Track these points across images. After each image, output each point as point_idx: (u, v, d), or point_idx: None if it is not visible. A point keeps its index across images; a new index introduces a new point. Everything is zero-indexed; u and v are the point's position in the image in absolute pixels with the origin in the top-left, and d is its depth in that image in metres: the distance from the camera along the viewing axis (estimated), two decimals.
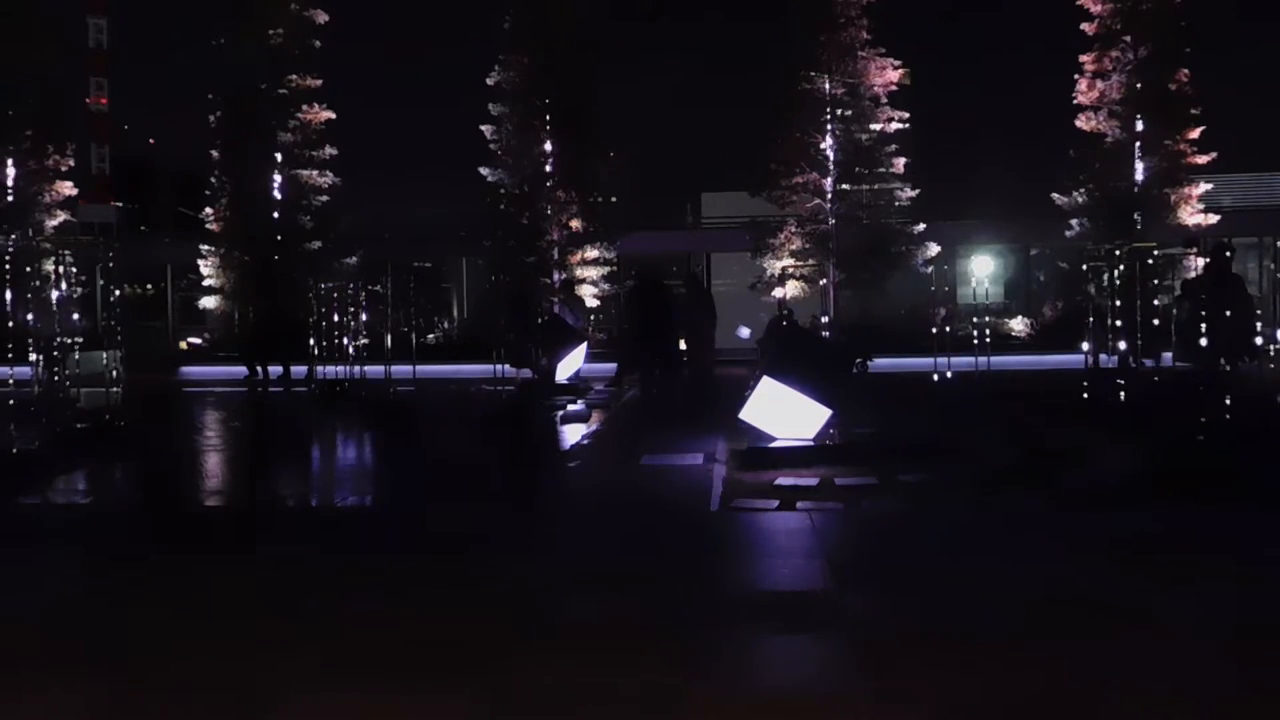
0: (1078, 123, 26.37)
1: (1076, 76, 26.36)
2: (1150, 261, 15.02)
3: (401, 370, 16.41)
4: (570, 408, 14.34)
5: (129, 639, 4.85)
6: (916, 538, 6.86)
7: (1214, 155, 26.01)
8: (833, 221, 26.57)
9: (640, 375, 16.90)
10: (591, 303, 26.95)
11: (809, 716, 3.90)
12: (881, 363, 18.15)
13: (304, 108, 27.18)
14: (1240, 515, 7.20)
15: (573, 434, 12.34)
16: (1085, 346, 15.35)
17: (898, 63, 26.40)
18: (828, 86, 26.49)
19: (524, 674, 4.29)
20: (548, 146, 27.43)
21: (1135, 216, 25.77)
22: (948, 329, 20.21)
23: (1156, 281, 22.26)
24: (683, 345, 19.09)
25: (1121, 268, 14.99)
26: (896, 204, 26.78)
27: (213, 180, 27.93)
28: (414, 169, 38.32)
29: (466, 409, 15.40)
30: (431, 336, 30.10)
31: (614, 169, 28.37)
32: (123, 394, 14.09)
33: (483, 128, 27.73)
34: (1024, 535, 6.80)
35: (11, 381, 14.74)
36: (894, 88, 26.52)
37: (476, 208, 28.44)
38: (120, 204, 43.02)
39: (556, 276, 26.15)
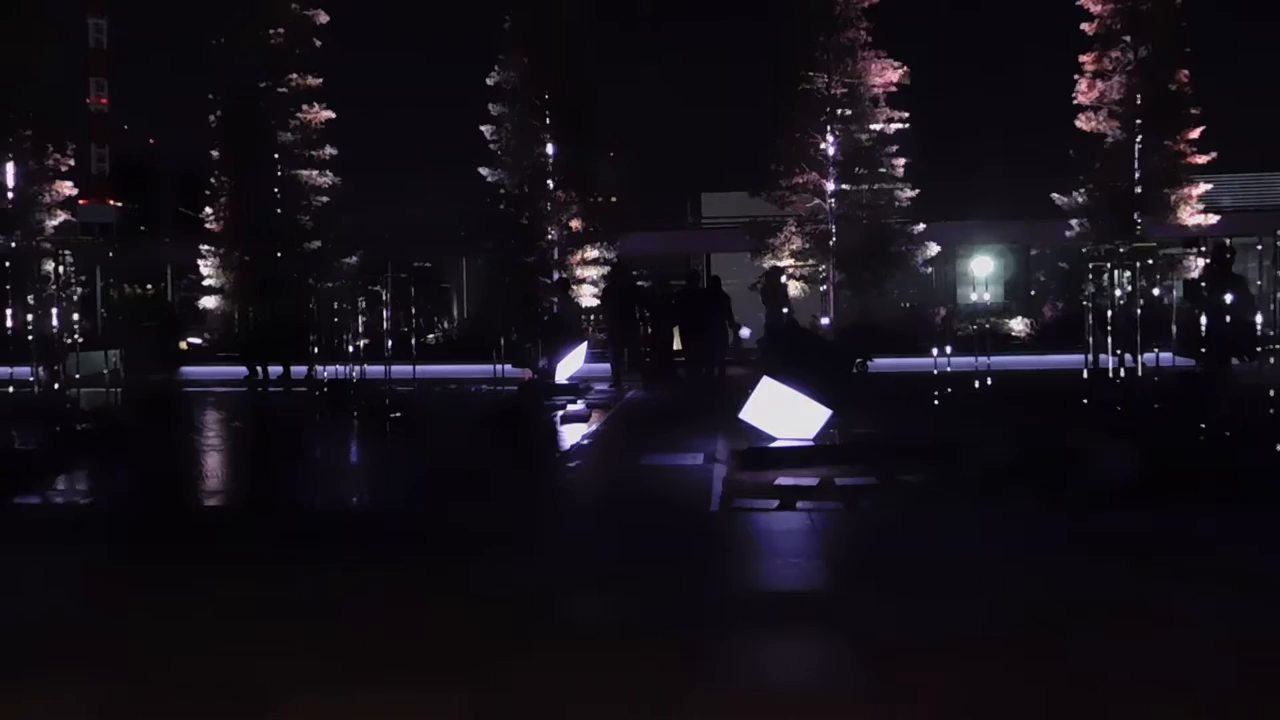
0: (1078, 123, 26.36)
1: (1076, 76, 26.35)
2: (1151, 261, 15.01)
3: (401, 370, 16.40)
4: (570, 408, 14.35)
5: (129, 639, 4.85)
6: (916, 538, 6.86)
7: (1214, 155, 26.00)
8: (833, 222, 26.55)
9: (641, 375, 16.96)
10: (591, 302, 26.95)
11: (809, 716, 3.90)
12: (881, 363, 18.14)
13: (304, 108, 27.16)
14: (1240, 515, 7.20)
15: (573, 434, 12.34)
16: (1087, 358, 15.32)
17: (898, 63, 26.37)
18: (828, 87, 26.47)
19: (524, 674, 4.29)
20: (548, 146, 27.40)
21: (1135, 216, 25.76)
22: (948, 321, 20.20)
23: (1158, 279, 22.27)
24: (676, 344, 19.23)
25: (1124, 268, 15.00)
26: (896, 204, 26.75)
27: (213, 180, 27.91)
28: (414, 169, 38.33)
29: (466, 409, 15.40)
30: (431, 336, 30.08)
31: (614, 169, 28.34)
32: (123, 394, 14.10)
33: (483, 128, 27.71)
34: (1024, 535, 6.80)
35: (12, 381, 14.76)
36: (894, 88, 26.50)
37: (476, 208, 28.41)
38: (120, 204, 43.08)
39: (556, 276, 26.13)
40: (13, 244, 25.95)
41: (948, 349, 16.50)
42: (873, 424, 11.12)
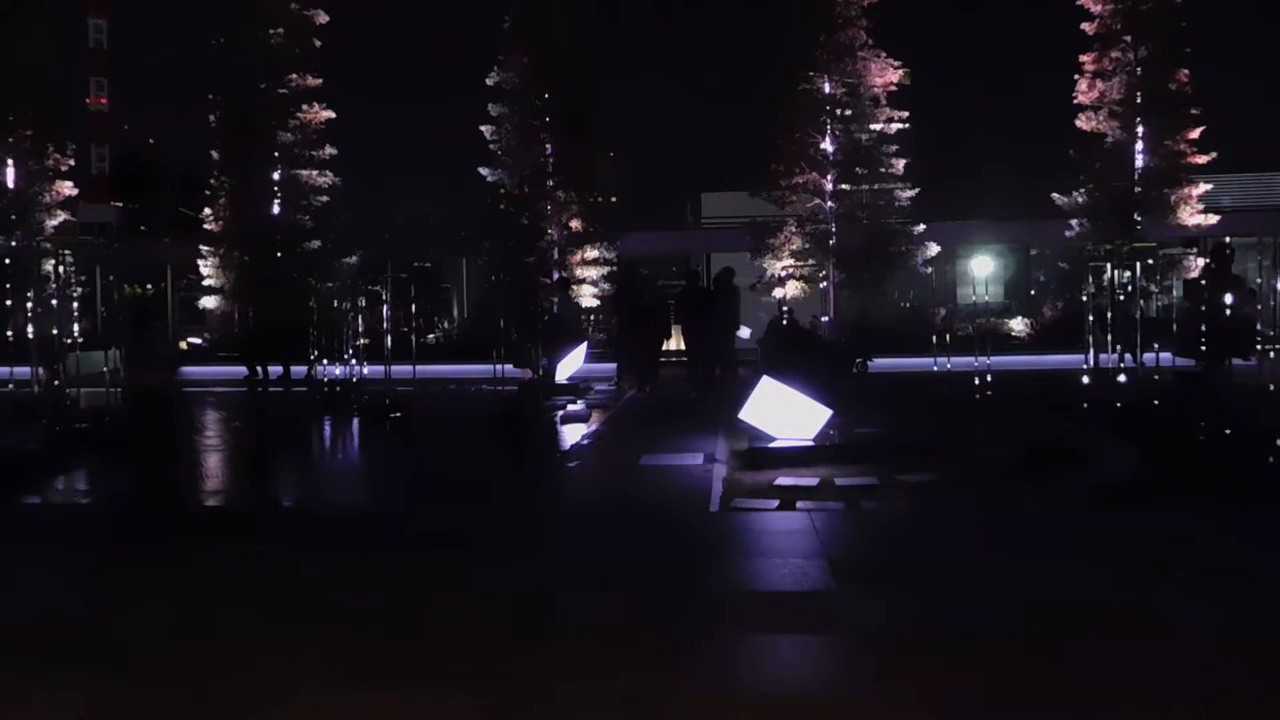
0: (1078, 123, 26.35)
1: (1076, 76, 26.34)
2: (1151, 261, 15.00)
3: (401, 370, 16.40)
4: (570, 408, 14.36)
5: (129, 638, 4.85)
6: (916, 538, 6.86)
7: (1214, 155, 25.98)
8: (833, 222, 26.54)
9: (637, 376, 16.96)
10: (591, 302, 26.97)
11: (809, 716, 3.90)
12: (881, 362, 18.16)
13: (304, 108, 27.13)
14: (1240, 515, 7.20)
15: (573, 434, 12.34)
16: (1088, 360, 15.32)
17: (897, 63, 26.35)
18: (828, 87, 26.44)
19: (524, 674, 4.29)
20: (548, 146, 27.37)
21: (1135, 216, 25.75)
22: (948, 321, 20.22)
23: (1158, 279, 22.30)
24: (670, 344, 19.25)
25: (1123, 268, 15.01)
26: (896, 204, 26.74)
27: (213, 180, 27.89)
28: (414, 169, 38.41)
29: (466, 409, 15.40)
30: (431, 336, 30.08)
31: (614, 169, 28.33)
32: (123, 394, 14.09)
33: (483, 128, 27.69)
34: (1024, 535, 6.80)
35: (11, 382, 14.75)
36: (894, 88, 26.48)
37: (476, 208, 28.40)
38: (120, 204, 43.10)
39: (556, 276, 26.13)
40: (13, 244, 25.93)
41: (947, 342, 16.51)
42: (873, 424, 11.12)
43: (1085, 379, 14.33)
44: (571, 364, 17.52)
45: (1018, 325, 28.86)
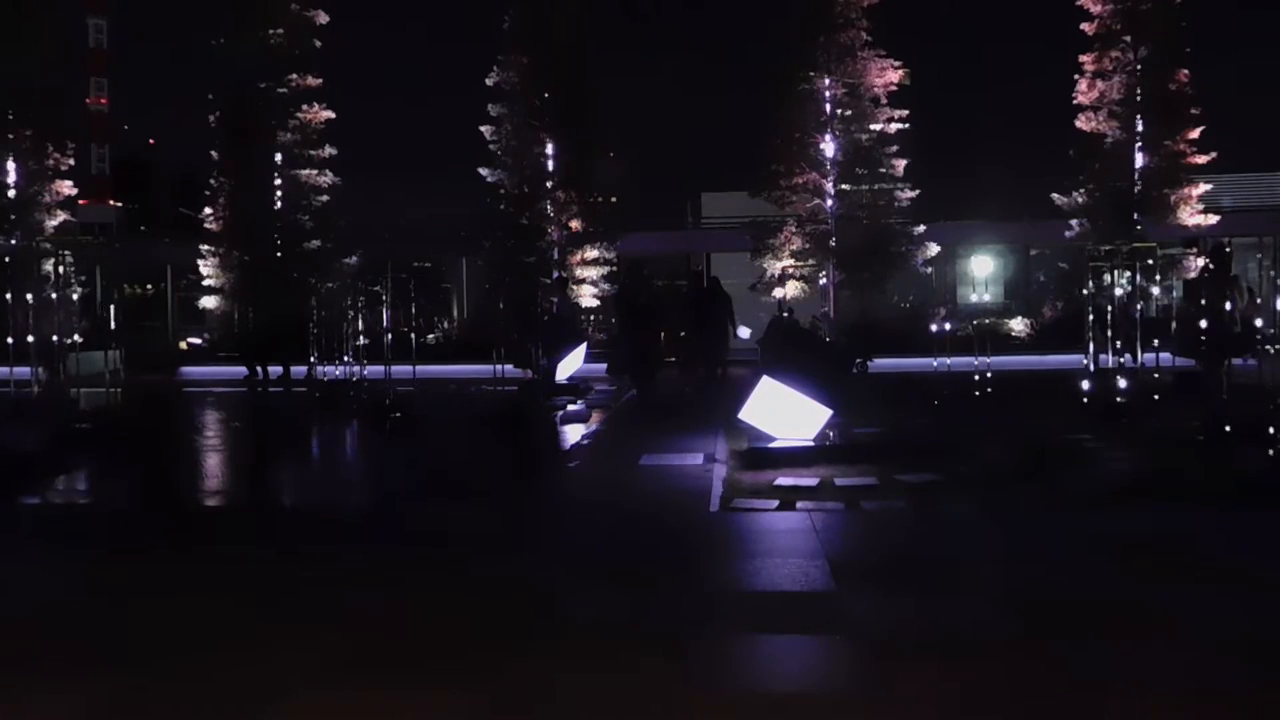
0: (1078, 123, 26.35)
1: (1076, 76, 26.34)
2: (1151, 262, 15.00)
3: (401, 370, 16.40)
4: (570, 408, 14.37)
5: (129, 638, 4.85)
6: (916, 537, 6.86)
7: (1214, 155, 25.99)
8: (833, 222, 26.54)
9: (634, 378, 16.94)
10: (591, 303, 26.98)
11: (809, 716, 3.90)
12: (881, 363, 18.15)
13: (304, 108, 27.13)
14: (1240, 515, 7.20)
15: (573, 434, 12.34)
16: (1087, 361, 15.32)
17: (898, 63, 26.34)
18: (827, 87, 26.45)
19: (524, 673, 4.29)
20: (548, 147, 27.39)
21: (1135, 216, 25.75)
22: (947, 327, 20.23)
23: (1157, 279, 22.30)
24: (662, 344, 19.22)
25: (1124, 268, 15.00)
26: (896, 204, 26.74)
27: (213, 180, 27.89)
28: (414, 169, 38.39)
29: (466, 409, 15.39)
30: (431, 336, 30.08)
31: (614, 169, 28.34)
32: (123, 394, 14.10)
33: (482, 128, 27.70)
34: (1024, 535, 6.80)
35: (11, 382, 14.75)
36: (894, 88, 26.47)
37: (476, 208, 28.42)
38: (120, 204, 43.12)
39: (556, 276, 26.14)
40: (13, 244, 25.94)
41: (947, 342, 16.51)
42: (873, 424, 11.12)
43: (1085, 379, 14.32)
44: (571, 364, 17.52)
45: (1018, 325, 28.86)
